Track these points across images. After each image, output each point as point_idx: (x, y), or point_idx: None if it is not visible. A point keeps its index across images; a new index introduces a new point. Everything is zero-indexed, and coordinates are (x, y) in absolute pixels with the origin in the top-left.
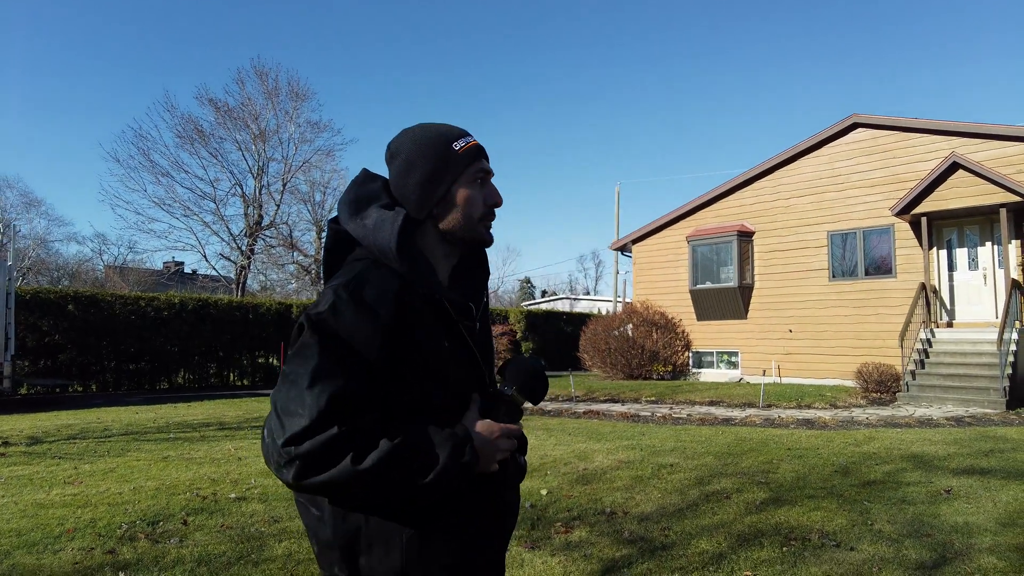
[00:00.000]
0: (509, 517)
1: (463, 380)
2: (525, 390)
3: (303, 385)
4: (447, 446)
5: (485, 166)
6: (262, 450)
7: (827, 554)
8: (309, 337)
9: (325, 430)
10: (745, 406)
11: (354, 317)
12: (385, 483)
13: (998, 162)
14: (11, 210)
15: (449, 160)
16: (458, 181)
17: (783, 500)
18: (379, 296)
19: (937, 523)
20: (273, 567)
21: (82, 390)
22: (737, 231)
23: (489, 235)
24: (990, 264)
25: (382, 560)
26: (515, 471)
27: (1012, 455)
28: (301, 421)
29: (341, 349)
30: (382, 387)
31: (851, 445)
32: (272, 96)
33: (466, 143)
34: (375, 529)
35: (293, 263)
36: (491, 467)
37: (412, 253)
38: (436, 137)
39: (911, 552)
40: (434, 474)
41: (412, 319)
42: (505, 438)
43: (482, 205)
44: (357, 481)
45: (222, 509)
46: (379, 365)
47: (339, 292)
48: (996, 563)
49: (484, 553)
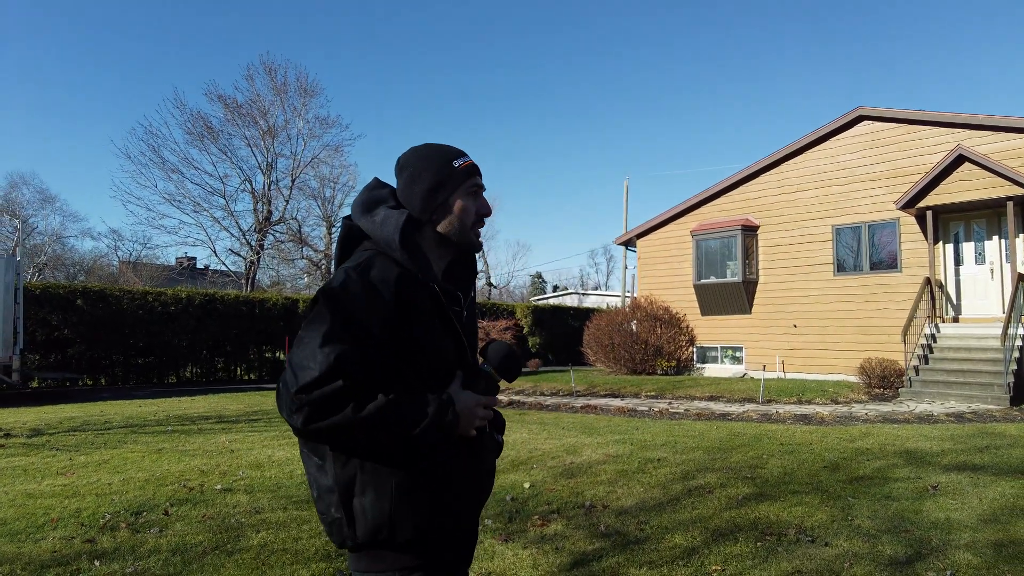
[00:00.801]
0: (485, 484)
1: (449, 357)
2: (502, 369)
3: (315, 344)
4: (434, 405)
5: (479, 182)
6: (276, 400)
7: (800, 549)
8: (323, 306)
9: (332, 382)
10: (744, 401)
11: (361, 293)
12: (380, 431)
13: (1005, 155)
14: (27, 207)
15: (449, 175)
16: (456, 193)
17: (766, 495)
18: (382, 279)
19: (918, 519)
20: (246, 557)
21: (91, 384)
22: (741, 225)
23: (479, 241)
24: (997, 258)
25: (373, 503)
26: (492, 445)
27: (1007, 452)
28: (312, 373)
29: (349, 317)
30: (382, 353)
31: (845, 441)
32: (281, 92)
33: (463, 162)
34: (369, 476)
35: (303, 258)
36: (469, 431)
37: (412, 247)
38: (439, 155)
39: (886, 548)
40: (421, 427)
41: (409, 301)
42: (482, 407)
43: (474, 214)
44: (357, 427)
45: (207, 500)
46: (380, 335)
47: (349, 272)
48: (971, 559)
49: (461, 509)
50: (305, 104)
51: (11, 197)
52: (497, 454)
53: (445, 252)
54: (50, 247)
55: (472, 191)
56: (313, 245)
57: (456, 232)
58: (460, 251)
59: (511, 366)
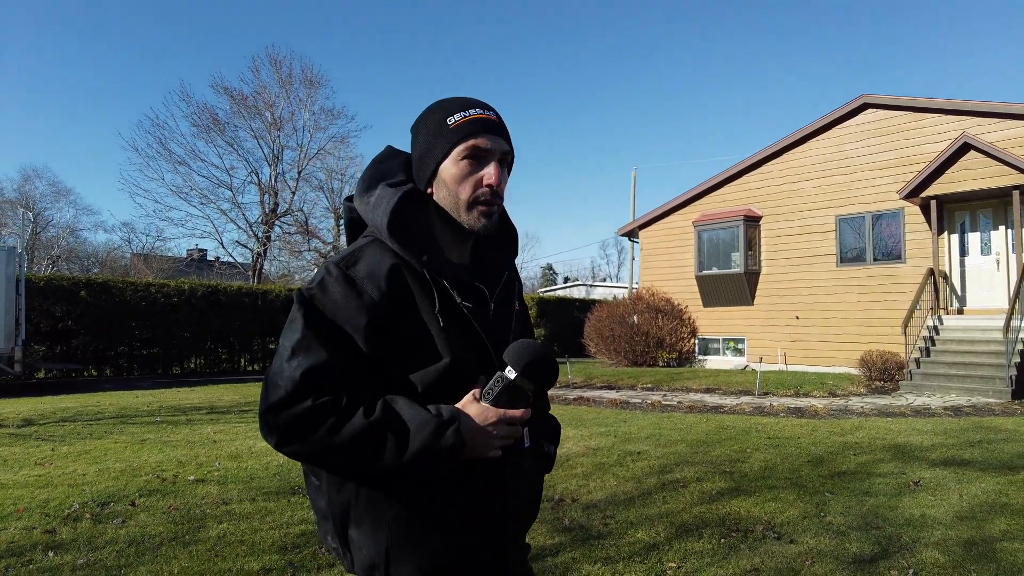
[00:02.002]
0: (516, 506)
1: (464, 363)
2: (529, 374)
3: (284, 357)
4: (429, 427)
5: (481, 143)
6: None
7: (764, 546)
8: (296, 311)
9: (300, 402)
10: (740, 394)
11: (340, 294)
12: (359, 457)
13: (1012, 142)
14: (41, 200)
15: (440, 134)
16: (447, 159)
17: (741, 490)
18: (370, 273)
19: (892, 516)
20: (201, 548)
21: (96, 375)
22: (743, 216)
23: (480, 221)
24: (1004, 249)
25: (369, 536)
26: (532, 462)
27: (999, 446)
28: (279, 393)
29: (324, 324)
30: (367, 363)
31: (834, 435)
32: (286, 84)
33: (463, 116)
34: (364, 505)
35: (311, 250)
36: (487, 453)
37: (404, 232)
38: (437, 110)
39: (852, 545)
40: (410, 453)
41: (405, 297)
42: (503, 424)
43: (471, 186)
44: (331, 453)
45: (176, 491)
46: (366, 341)
47: (329, 268)
48: (937, 557)
49: (478, 545)
50: (311, 95)
51: (25, 190)
52: (546, 469)
53: (455, 232)
54: (64, 240)
55: (468, 154)
56: (321, 237)
57: (451, 208)
58: (468, 232)
59: (542, 370)
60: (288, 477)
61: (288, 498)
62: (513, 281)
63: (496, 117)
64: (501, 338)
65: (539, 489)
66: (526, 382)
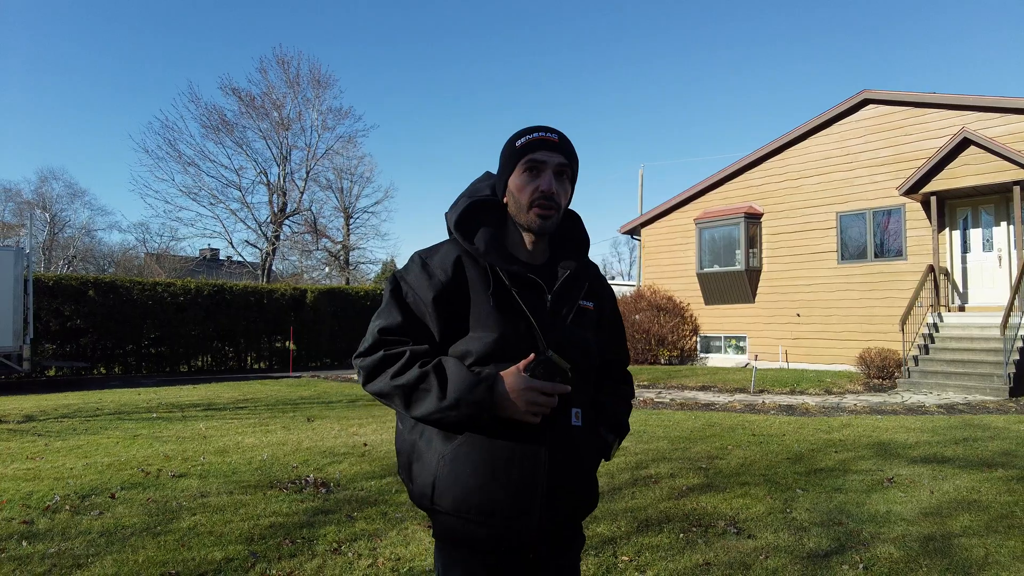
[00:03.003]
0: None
1: (511, 340)
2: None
3: (374, 318)
4: (466, 381)
5: (538, 157)
6: None
7: (721, 542)
8: (387, 285)
9: (375, 352)
10: (735, 391)
11: (416, 275)
12: (413, 397)
13: (1013, 137)
14: (58, 201)
15: (510, 155)
16: (513, 172)
17: (713, 486)
18: (440, 262)
19: (858, 512)
20: (170, 539)
21: (105, 373)
22: (744, 213)
23: (536, 222)
24: (1006, 245)
25: (423, 470)
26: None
27: (983, 444)
28: (365, 343)
29: (401, 296)
30: (431, 331)
31: (821, 432)
32: (293, 84)
33: (528, 138)
34: (424, 445)
35: (322, 249)
36: (525, 416)
37: (468, 230)
38: (512, 137)
39: (810, 541)
40: (449, 400)
41: (465, 281)
42: (536, 392)
43: (529, 193)
44: (393, 391)
45: (158, 484)
46: (432, 312)
47: (414, 257)
48: (893, 553)
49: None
50: (319, 95)
51: (42, 191)
52: (603, 455)
53: (530, 235)
54: (80, 240)
55: (528, 167)
56: (331, 236)
57: (516, 213)
58: (536, 233)
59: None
60: (269, 471)
61: (264, 491)
62: (577, 280)
63: (558, 138)
64: (557, 326)
65: (592, 473)
66: (561, 360)
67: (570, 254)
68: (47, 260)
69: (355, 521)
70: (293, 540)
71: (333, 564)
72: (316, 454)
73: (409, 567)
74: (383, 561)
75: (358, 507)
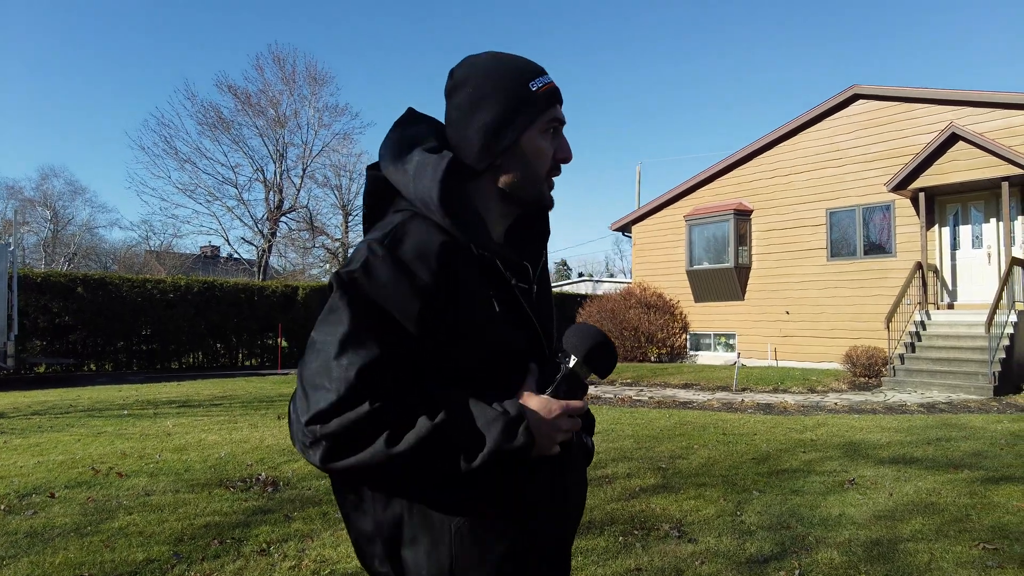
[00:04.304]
0: (574, 506)
1: (518, 349)
2: (591, 360)
3: (331, 354)
4: (497, 426)
5: (560, 114)
6: (289, 429)
7: (659, 546)
8: (339, 299)
9: (355, 407)
10: (717, 389)
11: (389, 276)
12: (424, 468)
13: (1003, 132)
14: (59, 198)
15: (524, 101)
16: (530, 129)
17: (668, 487)
18: (419, 253)
19: (810, 515)
20: (95, 539)
21: (95, 369)
22: (734, 210)
23: (551, 196)
24: (995, 242)
25: (428, 554)
26: (580, 454)
27: (956, 444)
28: (328, 396)
29: (374, 314)
30: (421, 357)
31: (793, 431)
32: (290, 82)
33: (544, 83)
34: (420, 519)
35: (320, 247)
36: (550, 450)
37: (458, 206)
38: (512, 72)
39: (752, 546)
40: (481, 458)
41: (457, 279)
42: (566, 417)
43: (550, 160)
44: (392, 465)
45: (103, 483)
46: (418, 332)
47: (373, 248)
48: (834, 558)
49: (544, 546)
50: (315, 93)
51: (43, 189)
52: (587, 462)
53: (508, 209)
54: (81, 237)
55: (551, 127)
56: (329, 234)
57: (525, 185)
58: (526, 208)
59: (602, 355)
60: (223, 469)
61: (211, 490)
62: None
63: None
64: (545, 320)
65: (585, 482)
66: (585, 369)
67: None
68: (49, 257)
69: (292, 521)
70: (223, 540)
71: (255, 565)
72: (275, 452)
73: (331, 569)
74: (307, 563)
75: (300, 507)
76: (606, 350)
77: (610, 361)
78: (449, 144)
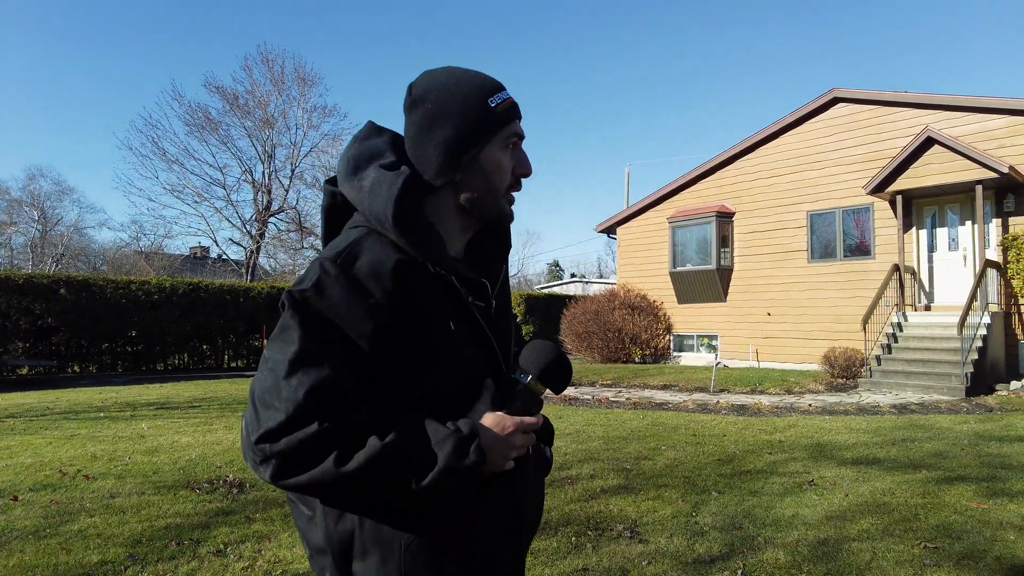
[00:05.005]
0: (528, 517)
1: (474, 366)
2: (545, 377)
3: (280, 374)
4: (448, 444)
5: (519, 129)
6: (242, 444)
7: (610, 546)
8: (290, 318)
9: (303, 426)
10: (695, 391)
11: (342, 296)
12: (375, 487)
13: (977, 136)
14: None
15: (483, 118)
16: (489, 145)
17: (629, 488)
18: (373, 271)
19: (763, 516)
20: (53, 542)
21: (79, 371)
22: (716, 212)
23: (510, 210)
24: (970, 244)
25: (378, 569)
26: (537, 465)
27: (920, 445)
28: (277, 416)
29: (325, 333)
30: (374, 376)
31: (763, 433)
32: (278, 82)
33: (503, 99)
34: (371, 533)
35: (310, 248)
36: (503, 466)
37: (415, 222)
38: (471, 88)
39: (701, 547)
40: (431, 477)
41: (412, 297)
42: (520, 433)
43: (510, 175)
44: (341, 484)
45: (69, 486)
46: (371, 351)
47: (326, 266)
48: (779, 559)
49: (496, 560)
50: (304, 94)
51: (30, 189)
52: (546, 472)
53: (468, 225)
54: (69, 238)
55: (511, 142)
56: (319, 235)
57: (485, 200)
58: (485, 223)
59: (556, 371)
60: (192, 471)
61: (177, 492)
62: (506, 276)
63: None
64: (502, 337)
65: (542, 494)
66: (540, 385)
67: (491, 241)
68: (37, 257)
69: (252, 522)
70: (180, 542)
71: (209, 566)
72: None
73: (284, 570)
74: (261, 563)
75: (263, 508)
76: (560, 367)
77: (564, 377)
78: (407, 159)
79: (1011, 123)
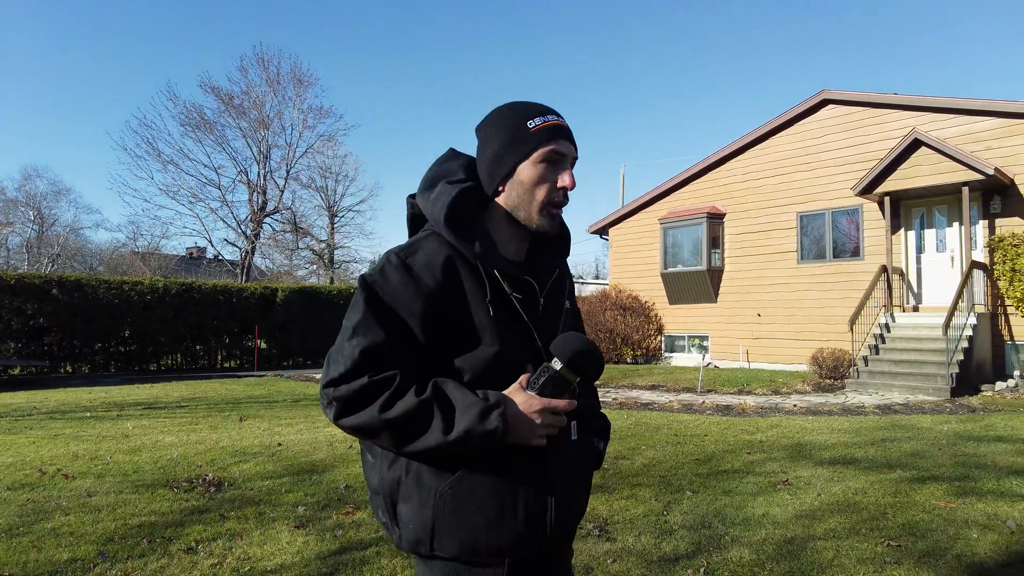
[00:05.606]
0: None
1: (513, 352)
2: (573, 366)
3: (346, 336)
4: (475, 408)
5: (561, 147)
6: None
7: (576, 545)
8: (359, 295)
9: (356, 378)
10: (683, 391)
11: (399, 281)
12: (408, 433)
13: (965, 138)
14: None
15: (520, 137)
16: (526, 161)
17: (604, 487)
18: (426, 264)
19: (734, 515)
20: (24, 540)
21: (72, 371)
22: (707, 213)
23: (546, 222)
24: (958, 246)
25: (416, 511)
26: (583, 455)
27: (899, 445)
28: (339, 368)
29: (383, 308)
30: (421, 347)
31: (744, 433)
32: (273, 83)
33: (543, 121)
34: (413, 481)
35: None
36: (532, 440)
37: (468, 225)
38: (514, 114)
39: (668, 545)
40: (456, 433)
41: (461, 287)
42: (548, 413)
43: (547, 189)
44: (383, 427)
45: (48, 484)
46: (420, 327)
47: (390, 258)
48: (744, 557)
49: (528, 528)
50: (299, 94)
51: (26, 189)
52: (596, 465)
53: (518, 231)
54: (65, 238)
55: (549, 158)
56: (315, 235)
57: (519, 208)
58: (533, 232)
59: (586, 362)
60: (172, 470)
61: (155, 491)
62: (563, 279)
63: (566, 124)
64: (550, 331)
65: (588, 485)
66: (571, 373)
67: (550, 248)
68: (33, 258)
69: (226, 520)
70: (152, 540)
71: (178, 563)
72: (227, 453)
73: (251, 567)
74: (231, 560)
75: (238, 506)
76: (589, 356)
77: (594, 366)
78: (474, 176)
79: (998, 125)
